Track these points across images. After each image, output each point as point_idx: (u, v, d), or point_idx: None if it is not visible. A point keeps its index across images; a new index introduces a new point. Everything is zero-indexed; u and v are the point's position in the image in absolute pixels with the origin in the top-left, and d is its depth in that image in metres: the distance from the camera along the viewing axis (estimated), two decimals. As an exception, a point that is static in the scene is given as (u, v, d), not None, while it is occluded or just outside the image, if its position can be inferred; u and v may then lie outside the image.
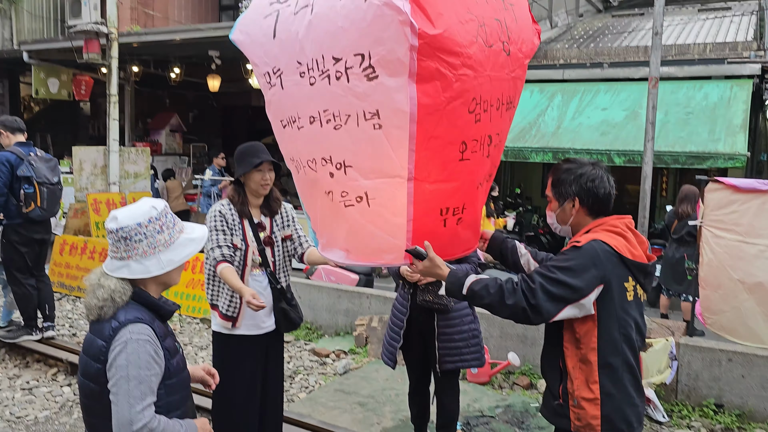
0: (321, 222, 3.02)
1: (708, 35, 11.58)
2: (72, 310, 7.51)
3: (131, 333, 2.08)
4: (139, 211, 2.16)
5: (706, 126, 8.38)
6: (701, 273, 5.40)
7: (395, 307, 3.96)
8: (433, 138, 2.55)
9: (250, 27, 2.94)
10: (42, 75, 12.44)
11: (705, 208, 5.39)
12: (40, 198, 5.72)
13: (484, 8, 2.59)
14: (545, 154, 8.59)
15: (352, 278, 7.30)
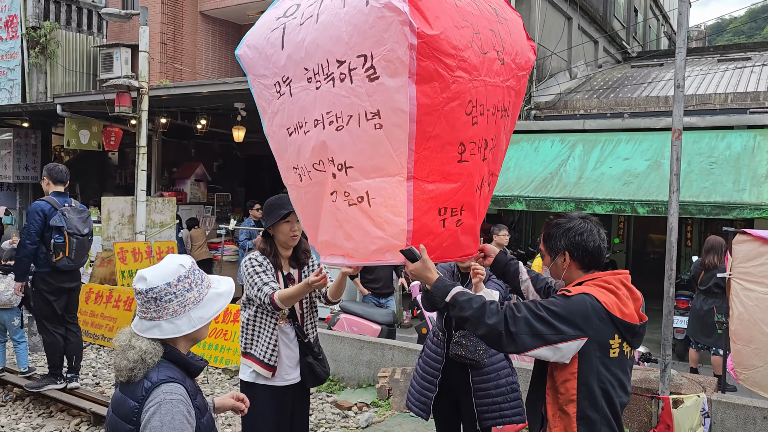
0: (322, 228, 3.04)
1: (729, 85, 11.63)
2: (96, 359, 7.55)
3: (165, 393, 2.06)
4: (167, 270, 2.17)
5: (731, 176, 8.31)
6: (732, 326, 5.28)
7: (428, 355, 3.88)
8: (431, 138, 2.63)
9: (258, 41, 3.06)
10: (74, 127, 12.82)
11: (733, 260, 5.31)
12: (68, 248, 5.83)
13: (478, 18, 2.73)
14: (567, 204, 8.55)
15: (374, 329, 7.23)
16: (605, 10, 15.91)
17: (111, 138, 13.16)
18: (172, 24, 15.45)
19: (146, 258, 9.12)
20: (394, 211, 2.71)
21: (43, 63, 15.16)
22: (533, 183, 9.18)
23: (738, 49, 15.61)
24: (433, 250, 2.72)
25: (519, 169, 9.71)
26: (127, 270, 8.91)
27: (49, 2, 15.38)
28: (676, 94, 4.91)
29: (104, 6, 16.32)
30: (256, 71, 3.11)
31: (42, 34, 14.93)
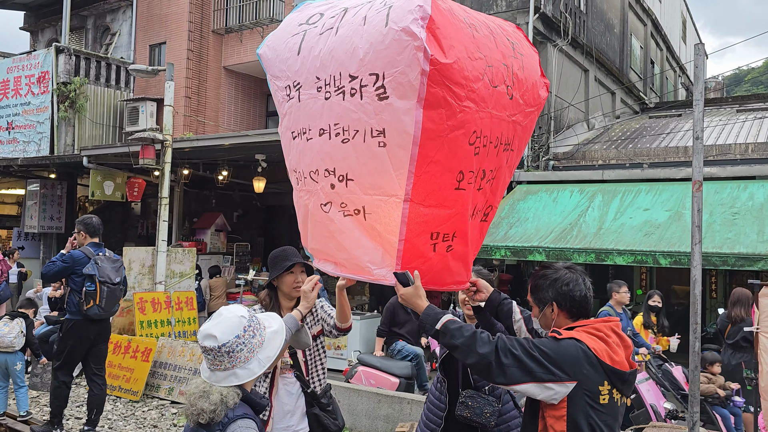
0: (312, 236, 3.11)
1: (749, 135, 11.60)
2: (112, 410, 7.47)
3: (240, 428, 2.22)
4: (232, 324, 2.32)
5: (754, 227, 8.19)
6: (762, 383, 5.14)
7: (431, 402, 3.74)
8: (432, 163, 2.66)
9: (278, 43, 3.15)
10: (99, 178, 13.08)
11: (760, 313, 5.21)
12: (99, 296, 5.96)
13: (493, 51, 2.77)
14: (588, 255, 8.46)
15: (392, 382, 7.12)
16: (621, 62, 16.10)
17: (134, 189, 13.40)
18: (197, 78, 15.92)
19: (165, 308, 9.16)
20: (387, 230, 2.75)
21: (71, 116, 15.61)
22: (552, 234, 9.12)
23: (757, 100, 15.65)
24: (423, 273, 2.74)
25: (538, 220, 9.67)
26: (146, 320, 8.94)
27: (80, 59, 15.94)
28: (696, 146, 4.90)
29: (132, 62, 16.92)
30: (272, 72, 3.21)
31: (72, 89, 15.41)
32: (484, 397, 3.50)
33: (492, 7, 12.22)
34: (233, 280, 12.95)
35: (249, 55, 15.83)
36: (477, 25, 2.78)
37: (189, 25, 15.84)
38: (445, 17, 2.57)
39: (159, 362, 8.12)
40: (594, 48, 13.89)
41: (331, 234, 2.97)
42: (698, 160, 4.89)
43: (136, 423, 7.04)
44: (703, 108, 4.96)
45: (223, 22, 16.11)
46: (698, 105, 4.93)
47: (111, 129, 16.60)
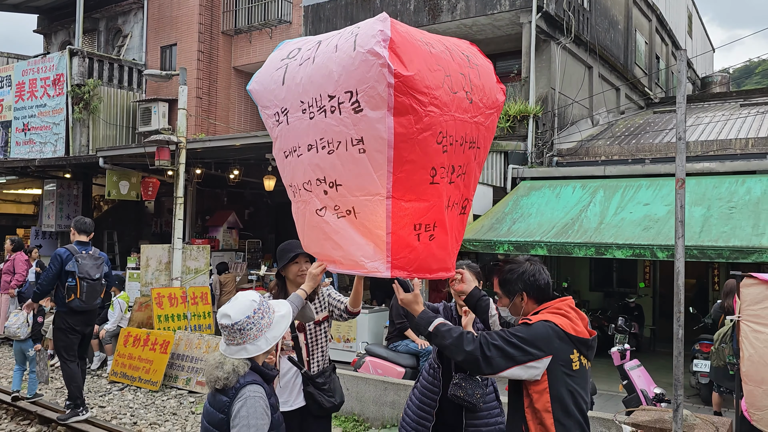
0: (312, 241, 3.44)
1: (750, 130, 11.74)
2: (133, 399, 7.84)
3: (250, 391, 2.62)
4: (244, 307, 2.73)
5: (750, 220, 8.32)
6: (743, 368, 5.40)
7: (424, 386, 3.96)
8: (407, 162, 3.00)
9: (264, 79, 3.54)
10: (114, 178, 13.42)
11: (741, 302, 5.48)
12: (80, 291, 6.54)
13: (450, 63, 3.13)
14: (588, 249, 8.61)
15: (398, 371, 7.40)
16: (626, 58, 16.24)
17: (149, 188, 13.75)
18: (207, 79, 16.30)
19: (181, 303, 9.52)
20: (375, 225, 3.06)
21: (85, 117, 16.02)
22: (554, 228, 9.26)
23: (761, 94, 15.73)
24: (411, 262, 3.07)
25: (541, 215, 9.82)
26: (164, 314, 9.28)
27: (93, 61, 16.35)
28: (678, 146, 5.20)
29: (143, 63, 17.34)
30: (262, 103, 3.58)
31: (86, 91, 15.83)
32: (475, 380, 3.75)
33: (496, 6, 12.41)
34: (245, 276, 13.28)
35: (258, 56, 16.16)
36: (432, 42, 3.16)
37: (199, 27, 16.22)
38: (404, 38, 2.94)
39: (176, 354, 8.47)
40: (598, 45, 14.07)
41: (327, 235, 3.28)
42: (681, 159, 5.18)
43: (156, 411, 7.40)
44: (685, 110, 5.27)
45: (232, 23, 16.47)
46: (680, 108, 5.22)
47: (124, 129, 17.00)
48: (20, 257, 10.95)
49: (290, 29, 15.63)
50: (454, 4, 12.90)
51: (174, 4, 16.71)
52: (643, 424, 5.30)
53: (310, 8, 14.98)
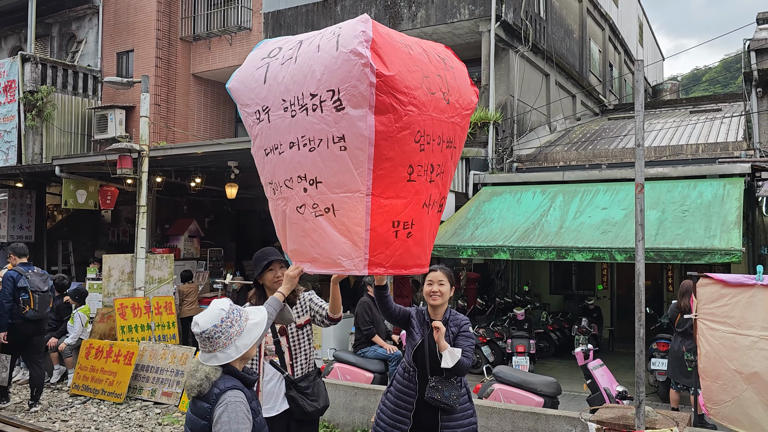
0: (291, 239, 3.48)
1: (700, 136, 12.10)
2: (97, 412, 7.71)
3: (230, 397, 2.64)
4: (212, 315, 2.74)
5: (702, 223, 8.49)
6: (700, 364, 5.63)
7: (399, 390, 3.99)
8: (386, 159, 3.10)
9: (244, 77, 3.61)
10: (71, 187, 13.09)
11: (698, 302, 5.70)
12: (33, 302, 7.58)
13: (427, 65, 3.26)
14: (549, 252, 8.70)
15: (367, 376, 7.46)
16: (581, 66, 16.66)
17: (107, 197, 13.47)
18: (165, 86, 16.08)
19: (145, 313, 9.39)
20: (354, 222, 3.14)
21: (39, 125, 15.60)
22: (516, 233, 9.35)
23: (709, 101, 16.36)
24: (388, 258, 3.17)
25: (503, 220, 9.90)
26: (127, 325, 9.15)
27: (46, 67, 15.94)
28: (637, 152, 5.39)
29: (99, 70, 17.00)
30: (241, 101, 3.63)
31: (39, 98, 15.42)
32: (451, 382, 3.86)
33: (455, 15, 12.62)
34: (207, 285, 13.15)
35: (217, 62, 16.04)
36: (411, 45, 3.28)
37: (157, 33, 16.00)
38: (385, 39, 3.05)
39: (141, 365, 8.36)
40: (554, 53, 14.43)
41: (306, 233, 3.34)
42: (640, 165, 5.38)
43: (122, 423, 7.29)
44: (643, 118, 5.48)
45: (191, 29, 16.31)
46: (639, 116, 5.42)
47: (79, 137, 16.60)
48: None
49: (250, 36, 15.56)
50: (414, 12, 13.08)
51: (130, 9, 16.45)
52: (608, 421, 5.47)
53: (270, 15, 14.97)
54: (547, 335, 11.31)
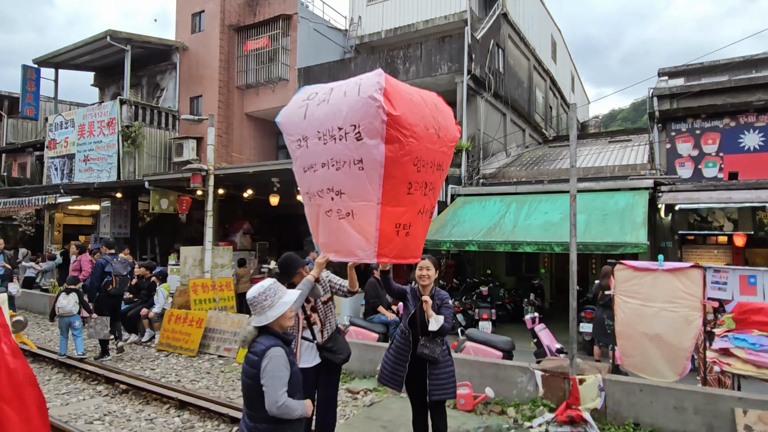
0: (321, 235, 3.47)
1: (616, 159, 12.09)
2: (176, 363, 7.72)
3: (273, 352, 2.65)
4: (256, 289, 2.77)
5: (618, 224, 8.51)
6: (617, 328, 5.67)
7: (398, 346, 4.00)
8: (392, 178, 3.11)
9: (290, 113, 3.60)
10: (157, 197, 13.12)
11: (615, 282, 5.75)
12: (114, 282, 7.87)
13: (424, 108, 3.27)
14: (506, 245, 8.74)
15: (373, 336, 7.47)
16: (529, 107, 16.64)
17: (183, 204, 13.49)
18: (225, 122, 16.11)
19: (211, 290, 9.39)
20: (368, 223, 3.15)
21: (132, 151, 15.63)
22: (482, 231, 9.37)
23: (623, 134, 16.32)
24: (392, 251, 3.17)
25: (472, 222, 9.90)
26: (198, 299, 9.16)
27: (138, 108, 15.98)
28: (571, 171, 5.43)
29: (176, 110, 17.03)
30: (287, 131, 3.62)
31: (132, 131, 15.46)
32: (436, 340, 3.87)
33: (437, 70, 12.65)
34: (257, 269, 13.16)
35: (263, 105, 16.04)
36: (413, 93, 3.29)
37: (219, 83, 16.03)
38: (394, 88, 3.07)
39: (208, 328, 8.39)
40: (510, 98, 14.43)
41: (332, 231, 3.35)
42: (573, 181, 5.41)
43: (195, 371, 7.32)
44: (576, 146, 5.50)
45: (244, 80, 16.33)
46: (573, 144, 5.47)
47: (162, 160, 16.63)
48: (85, 258, 10.64)
49: (287, 85, 15.58)
50: (408, 68, 13.10)
51: (200, 65, 16.48)
52: (549, 369, 5.51)
53: (302, 69, 15.00)
54: (504, 306, 11.32)
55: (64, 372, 7.15)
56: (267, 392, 2.60)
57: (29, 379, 1.93)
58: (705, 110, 10.14)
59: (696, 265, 5.34)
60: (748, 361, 4.88)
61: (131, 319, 8.89)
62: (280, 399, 2.59)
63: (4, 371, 1.86)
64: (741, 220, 9.83)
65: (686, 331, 5.23)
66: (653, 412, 4.93)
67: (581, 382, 5.04)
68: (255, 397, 2.66)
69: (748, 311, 4.98)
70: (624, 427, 4.98)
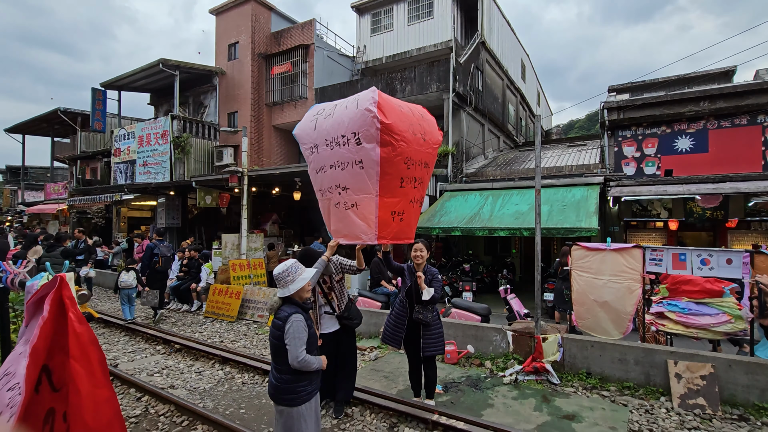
0: (332, 223, 3.47)
1: (574, 160, 12.07)
2: (219, 327, 7.74)
3: (294, 317, 2.67)
4: (280, 268, 2.77)
5: (574, 213, 8.52)
6: (573, 296, 5.66)
7: (397, 311, 4.01)
8: (387, 174, 3.09)
9: (303, 126, 3.57)
10: (202, 194, 13.10)
11: (572, 259, 5.73)
12: (161, 261, 8.02)
13: (411, 117, 3.26)
14: (484, 231, 8.73)
15: (377, 304, 7.48)
16: (503, 118, 16.49)
17: (223, 200, 13.46)
18: (256, 133, 16.03)
19: (247, 268, 9.38)
20: (369, 212, 3.14)
21: (182, 157, 15.57)
22: (465, 219, 9.36)
23: (580, 140, 16.22)
24: (389, 234, 3.16)
25: (457, 212, 9.89)
26: (237, 275, 9.14)
27: (186, 122, 15.88)
28: (537, 170, 5.42)
29: (217, 123, 16.95)
30: (301, 141, 3.61)
31: (182, 141, 15.39)
32: (428, 308, 3.91)
33: (428, 89, 12.53)
34: (284, 252, 13.16)
35: (287, 119, 15.94)
36: (402, 105, 3.27)
37: (251, 101, 15.94)
38: (386, 101, 3.06)
39: (245, 299, 8.39)
40: (487, 111, 14.31)
41: (340, 219, 3.35)
42: (538, 178, 5.39)
43: (234, 333, 7.35)
44: (540, 150, 5.47)
45: (271, 99, 16.23)
46: (537, 148, 5.43)
47: (206, 164, 16.55)
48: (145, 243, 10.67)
49: (306, 102, 15.48)
50: (404, 87, 12.99)
51: (235, 86, 16.39)
52: (519, 330, 5.53)
53: (318, 89, 14.89)
54: (483, 280, 11.32)
55: (130, 335, 7.21)
56: (289, 350, 2.63)
57: (92, 340, 1.96)
58: (646, 119, 10.05)
59: (637, 246, 5.32)
60: (678, 323, 4.88)
61: (183, 292, 8.92)
62: (300, 355, 2.62)
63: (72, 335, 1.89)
64: (674, 209, 9.78)
65: (629, 298, 5.23)
66: (602, 364, 4.95)
67: (544, 340, 5.06)
68: (280, 353, 2.69)
69: (679, 282, 4.98)
70: (578, 376, 5.00)
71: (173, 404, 4.36)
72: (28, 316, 2.04)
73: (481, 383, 4.91)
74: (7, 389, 1.78)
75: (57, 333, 1.92)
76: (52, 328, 1.90)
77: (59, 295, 1.95)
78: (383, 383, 4.92)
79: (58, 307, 1.94)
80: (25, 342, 1.95)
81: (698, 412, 4.18)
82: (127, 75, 16.91)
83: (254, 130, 15.89)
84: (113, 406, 1.95)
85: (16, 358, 1.89)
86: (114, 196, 14.96)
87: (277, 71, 15.90)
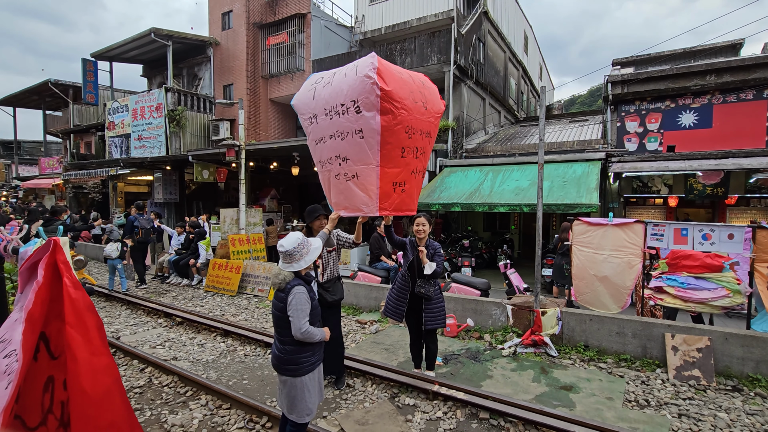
0: (333, 196, 3.42)
1: (575, 135, 11.94)
2: (220, 301, 7.78)
3: (297, 289, 2.64)
4: (293, 240, 2.70)
5: (575, 189, 8.50)
6: (573, 271, 5.70)
7: (400, 285, 4.01)
8: (388, 144, 3.02)
9: (301, 96, 3.48)
10: (199, 168, 12.97)
11: (573, 234, 5.74)
12: (141, 233, 8.35)
13: (412, 85, 3.15)
14: (484, 206, 8.73)
15: (377, 279, 7.51)
16: (504, 93, 16.24)
17: (221, 174, 13.34)
18: (253, 106, 15.71)
19: (246, 243, 9.38)
20: (370, 183, 3.08)
21: (177, 131, 15.30)
22: (465, 195, 9.33)
23: (582, 115, 16.00)
24: (391, 205, 3.11)
25: (457, 188, 9.85)
26: (236, 250, 9.15)
27: (180, 95, 15.53)
28: (540, 144, 5.34)
29: (212, 96, 16.58)
30: (300, 111, 3.51)
31: (177, 114, 15.09)
32: (430, 282, 3.91)
33: (428, 61, 12.22)
34: (282, 227, 13.14)
35: (284, 91, 15.61)
36: (402, 72, 3.16)
37: (247, 73, 15.54)
38: (385, 67, 2.95)
39: (245, 273, 8.42)
40: (488, 85, 14.05)
41: (341, 191, 3.29)
42: (541, 153, 5.33)
43: (235, 307, 7.40)
44: (545, 124, 5.37)
45: (267, 71, 15.84)
46: (541, 122, 5.34)
47: (202, 138, 16.29)
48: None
49: (303, 74, 15.11)
50: (404, 59, 12.65)
51: (230, 58, 15.94)
52: (518, 304, 5.57)
53: (316, 61, 14.50)
54: (482, 255, 11.39)
55: (132, 308, 7.24)
56: (293, 321, 2.62)
57: (88, 306, 1.93)
58: (650, 94, 9.87)
59: (639, 221, 5.30)
60: (677, 297, 4.91)
61: (183, 266, 8.93)
62: (303, 326, 2.62)
63: (68, 301, 1.85)
64: (675, 185, 9.74)
65: (628, 273, 5.25)
66: (600, 337, 5.00)
67: (543, 313, 5.11)
68: (284, 325, 2.69)
69: (679, 257, 4.98)
70: (576, 348, 5.07)
71: (177, 375, 4.40)
72: (23, 282, 2.00)
73: (480, 355, 4.97)
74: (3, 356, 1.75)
75: (53, 299, 1.88)
76: (48, 294, 1.86)
77: (53, 260, 1.90)
78: (384, 355, 4.97)
79: (53, 272, 1.89)
80: (20, 308, 1.91)
81: (693, 383, 4.26)
82: (118, 45, 16.37)
83: (250, 103, 15.56)
84: (112, 374, 1.92)
85: (12, 324, 1.85)
86: (109, 170, 14.76)
87: (273, 42, 15.43)
